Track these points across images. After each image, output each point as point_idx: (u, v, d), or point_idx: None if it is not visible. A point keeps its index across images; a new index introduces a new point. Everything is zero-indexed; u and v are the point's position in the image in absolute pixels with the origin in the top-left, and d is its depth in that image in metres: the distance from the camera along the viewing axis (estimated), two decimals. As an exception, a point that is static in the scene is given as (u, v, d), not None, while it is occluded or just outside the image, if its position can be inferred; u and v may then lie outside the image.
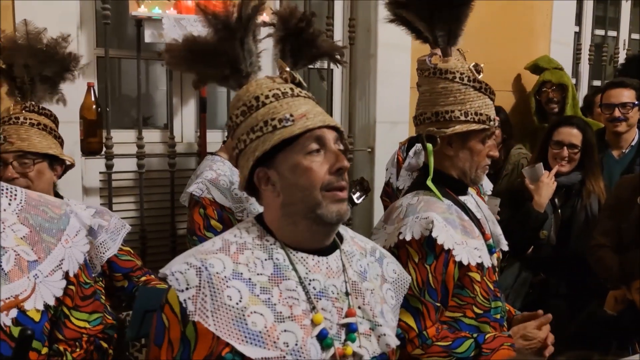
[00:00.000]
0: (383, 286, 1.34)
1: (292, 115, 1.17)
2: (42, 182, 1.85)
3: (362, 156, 3.21)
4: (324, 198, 1.16)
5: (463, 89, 1.64)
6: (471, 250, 1.61)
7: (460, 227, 1.62)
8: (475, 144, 1.67)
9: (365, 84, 3.20)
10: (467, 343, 1.56)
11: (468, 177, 1.70)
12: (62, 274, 1.22)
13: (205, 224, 2.07)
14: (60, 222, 1.26)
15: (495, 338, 1.59)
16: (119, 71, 3.15)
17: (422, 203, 1.63)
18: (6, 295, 1.13)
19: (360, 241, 1.36)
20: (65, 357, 1.25)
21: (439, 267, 1.57)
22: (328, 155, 1.18)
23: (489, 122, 1.65)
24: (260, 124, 1.19)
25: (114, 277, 2.01)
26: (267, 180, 1.19)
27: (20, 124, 1.84)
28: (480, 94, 1.65)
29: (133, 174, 2.67)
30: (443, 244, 1.55)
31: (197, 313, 1.08)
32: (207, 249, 1.17)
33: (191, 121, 2.87)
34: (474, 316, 1.63)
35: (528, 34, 3.75)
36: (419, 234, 1.56)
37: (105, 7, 2.43)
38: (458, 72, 1.64)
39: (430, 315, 1.56)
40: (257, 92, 1.22)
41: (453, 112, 1.63)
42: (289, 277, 1.16)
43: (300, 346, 1.11)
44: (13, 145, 1.80)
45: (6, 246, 1.15)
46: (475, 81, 1.65)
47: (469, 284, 1.61)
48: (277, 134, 1.16)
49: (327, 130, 1.19)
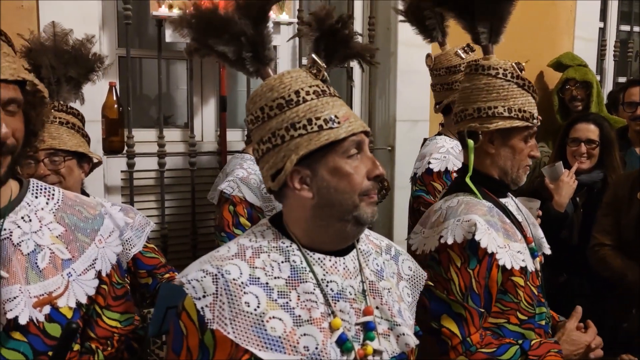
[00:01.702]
0: (399, 284, 1.32)
1: (337, 117, 1.15)
2: (72, 179, 1.88)
3: (382, 155, 3.20)
4: (362, 201, 1.16)
5: (506, 85, 1.60)
6: (514, 254, 1.55)
7: (502, 230, 1.57)
8: (517, 142, 1.62)
9: (385, 82, 3.19)
10: (513, 350, 1.51)
11: (509, 176, 1.65)
12: (94, 273, 1.23)
13: (234, 221, 2.09)
14: (95, 222, 1.27)
15: (541, 344, 1.54)
16: (140, 71, 3.18)
17: (463, 205, 1.58)
18: (40, 292, 1.14)
19: (375, 239, 1.35)
20: (96, 354, 1.26)
21: (482, 272, 1.52)
22: (365, 160, 1.17)
23: (532, 120, 1.60)
24: (303, 122, 1.14)
25: (139, 274, 2.03)
26: (301, 180, 1.16)
27: (50, 123, 1.87)
28: (523, 91, 1.61)
29: (154, 173, 2.69)
30: (486, 248, 1.49)
31: (215, 321, 1.07)
32: (223, 255, 1.16)
33: (211, 120, 2.89)
34: (518, 322, 1.58)
35: (551, 30, 3.69)
36: (461, 237, 1.52)
37: (126, 7, 2.46)
38: (501, 68, 1.61)
39: (474, 321, 1.51)
40: (296, 87, 1.17)
41: (496, 108, 1.59)
42: (306, 279, 1.15)
43: (320, 349, 1.10)
44: (44, 142, 1.83)
45: (42, 244, 1.17)
46: (519, 78, 1.61)
47: (512, 289, 1.56)
48: (324, 134, 1.13)
49: (364, 135, 1.19)
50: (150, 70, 3.01)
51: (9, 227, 1.15)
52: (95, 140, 2.40)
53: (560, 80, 3.53)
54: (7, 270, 1.12)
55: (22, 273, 1.13)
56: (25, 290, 1.13)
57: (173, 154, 2.71)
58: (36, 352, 1.13)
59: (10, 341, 1.12)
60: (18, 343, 1.12)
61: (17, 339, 1.12)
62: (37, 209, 1.20)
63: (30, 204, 1.20)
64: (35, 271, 1.15)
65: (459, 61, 2.32)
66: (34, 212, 1.20)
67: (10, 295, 1.10)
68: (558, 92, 3.53)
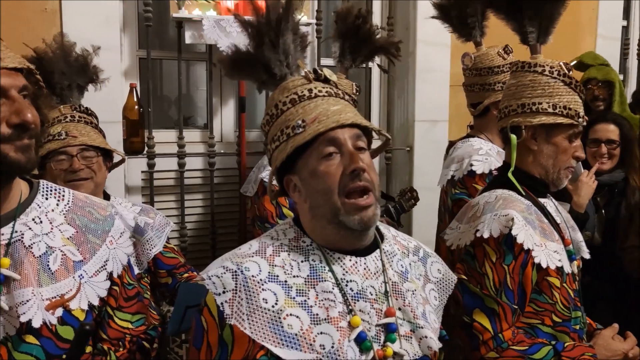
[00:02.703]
0: (426, 286, 1.30)
1: (303, 121, 1.15)
2: (101, 175, 1.92)
3: (400, 155, 3.19)
4: (344, 205, 1.13)
5: (552, 82, 1.59)
6: (550, 253, 1.52)
7: (540, 228, 1.55)
8: (561, 140, 1.60)
9: (404, 82, 3.17)
10: (545, 350, 1.48)
11: (550, 176, 1.62)
12: (106, 274, 1.23)
13: (277, 212, 2.13)
14: (105, 223, 1.27)
15: (575, 347, 1.51)
16: (160, 72, 3.21)
17: (501, 201, 1.56)
18: (53, 295, 1.14)
19: (403, 240, 1.33)
20: (109, 356, 1.26)
21: (517, 268, 1.50)
22: (344, 157, 1.14)
23: (577, 119, 1.58)
24: (278, 134, 1.19)
25: (159, 274, 2.05)
26: (294, 187, 1.19)
27: (77, 122, 1.92)
28: (569, 90, 1.59)
29: (174, 173, 2.72)
30: (522, 243, 1.48)
31: (233, 316, 1.09)
32: (244, 252, 1.17)
33: (230, 121, 2.91)
34: (552, 324, 1.54)
35: (573, 29, 3.65)
36: (497, 232, 1.50)
37: (147, 9, 2.49)
38: (548, 65, 1.60)
39: (507, 318, 1.49)
40: (277, 99, 1.22)
41: (541, 103, 1.57)
42: (325, 278, 1.15)
43: (336, 349, 1.10)
44: (76, 139, 1.87)
45: (53, 246, 1.17)
46: (566, 76, 1.59)
47: (548, 289, 1.53)
48: (291, 142, 1.15)
49: (344, 130, 1.15)
50: (170, 72, 3.03)
51: (20, 229, 1.15)
52: (116, 141, 2.43)
53: (582, 80, 3.47)
54: (20, 273, 1.11)
55: (34, 275, 1.13)
56: (38, 292, 1.12)
57: (192, 155, 2.73)
58: (49, 355, 1.13)
59: (23, 344, 1.11)
60: (31, 346, 1.12)
61: (30, 343, 1.12)
62: (47, 211, 1.20)
63: (41, 206, 1.20)
64: (47, 273, 1.15)
65: (501, 61, 2.29)
66: (44, 213, 1.19)
67: (23, 298, 1.10)
68: (580, 92, 3.49)
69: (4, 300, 1.10)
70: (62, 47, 2.01)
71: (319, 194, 1.14)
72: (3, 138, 1.06)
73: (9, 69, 1.09)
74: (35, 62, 1.86)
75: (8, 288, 1.10)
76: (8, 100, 1.08)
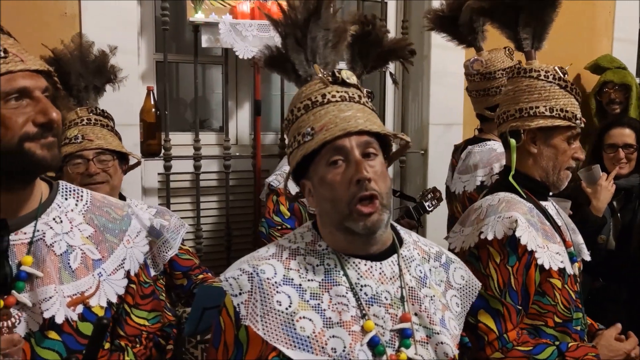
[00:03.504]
0: (447, 292, 1.29)
1: (312, 129, 1.16)
2: (117, 178, 1.94)
3: (415, 158, 3.19)
4: (350, 212, 1.13)
5: (548, 86, 1.62)
6: (553, 255, 1.55)
7: (542, 230, 1.57)
8: (559, 142, 1.62)
9: (418, 85, 3.18)
10: (549, 350, 1.50)
11: (550, 178, 1.65)
12: (124, 273, 1.26)
13: (275, 208, 2.20)
14: (123, 223, 1.30)
15: (579, 347, 1.53)
16: (176, 75, 3.24)
17: (504, 203, 1.58)
18: (73, 292, 1.17)
19: (424, 245, 1.32)
20: (126, 352, 1.29)
21: (521, 269, 1.52)
22: (350, 165, 1.14)
23: (574, 121, 1.61)
24: (291, 140, 1.21)
25: (174, 275, 2.07)
26: (309, 191, 1.21)
27: (94, 125, 1.93)
28: (566, 93, 1.62)
29: (190, 175, 2.74)
30: (526, 245, 1.49)
31: (248, 317, 1.11)
32: (261, 255, 1.19)
33: (246, 124, 2.93)
34: (554, 325, 1.57)
35: (589, 32, 3.63)
36: (501, 233, 1.52)
37: (164, 13, 2.51)
38: (543, 70, 1.63)
39: (512, 318, 1.51)
40: (293, 104, 1.23)
41: (538, 107, 1.61)
42: (339, 282, 1.16)
43: (347, 352, 1.10)
44: (92, 142, 1.89)
45: (73, 244, 1.20)
46: (561, 80, 1.62)
47: (550, 291, 1.55)
48: (300, 150, 1.16)
49: (352, 138, 1.14)
50: (187, 75, 3.06)
51: (41, 229, 1.18)
52: (133, 144, 2.46)
53: (598, 83, 3.46)
54: (42, 270, 1.14)
55: (56, 273, 1.16)
56: (60, 290, 1.15)
57: (208, 157, 2.75)
58: (70, 350, 1.16)
59: (46, 340, 1.14)
60: (53, 342, 1.15)
61: (53, 339, 1.15)
62: (67, 211, 1.23)
63: (61, 206, 1.23)
64: (67, 271, 1.18)
65: (510, 62, 2.30)
66: (64, 213, 1.22)
67: (46, 295, 1.13)
68: (596, 95, 3.47)
69: (28, 297, 1.13)
70: (80, 48, 2.03)
71: (326, 201, 1.16)
72: (29, 136, 1.09)
73: (32, 71, 1.13)
74: (53, 64, 1.88)
75: (31, 285, 1.13)
76: (32, 101, 1.12)
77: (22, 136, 1.09)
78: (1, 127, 1.08)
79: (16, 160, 1.09)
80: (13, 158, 1.09)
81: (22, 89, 1.10)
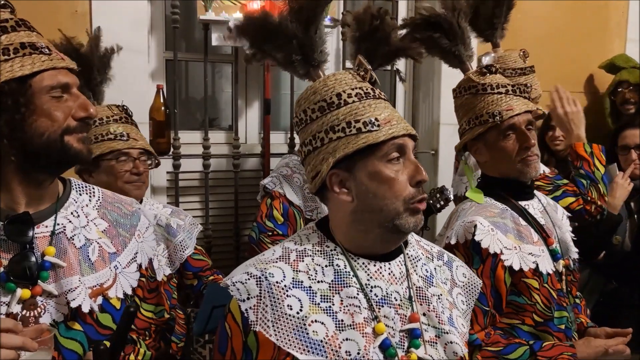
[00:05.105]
0: (453, 290, 1.28)
1: (377, 120, 1.13)
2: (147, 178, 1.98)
3: (425, 158, 3.17)
4: (406, 210, 1.12)
5: (464, 99, 1.73)
6: (524, 256, 1.58)
7: (515, 231, 1.60)
8: (495, 143, 1.67)
9: (429, 85, 3.15)
10: (521, 350, 1.51)
11: (513, 173, 1.67)
12: (136, 266, 1.29)
13: (267, 212, 2.10)
14: (133, 218, 1.33)
15: (554, 346, 1.54)
16: (186, 74, 3.24)
17: (473, 207, 1.64)
18: (94, 283, 1.20)
19: (426, 245, 1.32)
20: (139, 344, 1.32)
21: (486, 271, 1.55)
22: (407, 165, 1.15)
23: (492, 118, 1.64)
24: (342, 124, 1.13)
25: (185, 275, 2.07)
26: (341, 183, 1.15)
27: (131, 123, 1.96)
28: (477, 96, 1.68)
29: (199, 174, 2.73)
30: (488, 248, 1.54)
31: (258, 323, 1.09)
32: (267, 258, 1.17)
33: (255, 123, 2.92)
34: (534, 324, 1.59)
35: (602, 33, 3.59)
36: (463, 238, 1.58)
37: (174, 11, 2.51)
38: (460, 87, 1.73)
39: (478, 320, 1.54)
40: (339, 89, 1.17)
41: (462, 125, 1.74)
42: (350, 284, 1.14)
43: (362, 355, 1.09)
44: (137, 142, 1.91)
45: (91, 238, 1.23)
46: (471, 88, 1.70)
47: (526, 291, 1.58)
48: (362, 137, 1.11)
49: (408, 139, 1.16)
50: (196, 74, 3.06)
51: (62, 222, 1.21)
52: (143, 142, 2.45)
53: (613, 83, 3.42)
54: (65, 262, 1.17)
55: (77, 265, 1.19)
56: (83, 280, 1.18)
57: (217, 156, 2.74)
58: (91, 341, 1.18)
59: (70, 331, 1.16)
60: (76, 332, 1.17)
61: (75, 329, 1.17)
62: (82, 205, 1.26)
63: (77, 201, 1.26)
64: (87, 264, 1.21)
65: (523, 64, 2.28)
66: (80, 208, 1.25)
67: (71, 285, 1.16)
68: (610, 95, 3.42)
69: (53, 287, 1.15)
70: (97, 42, 2.06)
71: (376, 197, 1.12)
72: (70, 130, 1.15)
73: (69, 69, 1.19)
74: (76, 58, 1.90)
75: (55, 277, 1.16)
76: (71, 96, 1.18)
77: (65, 129, 1.15)
78: (46, 120, 1.13)
79: (56, 152, 1.15)
80: (53, 150, 1.14)
81: (65, 84, 1.16)
